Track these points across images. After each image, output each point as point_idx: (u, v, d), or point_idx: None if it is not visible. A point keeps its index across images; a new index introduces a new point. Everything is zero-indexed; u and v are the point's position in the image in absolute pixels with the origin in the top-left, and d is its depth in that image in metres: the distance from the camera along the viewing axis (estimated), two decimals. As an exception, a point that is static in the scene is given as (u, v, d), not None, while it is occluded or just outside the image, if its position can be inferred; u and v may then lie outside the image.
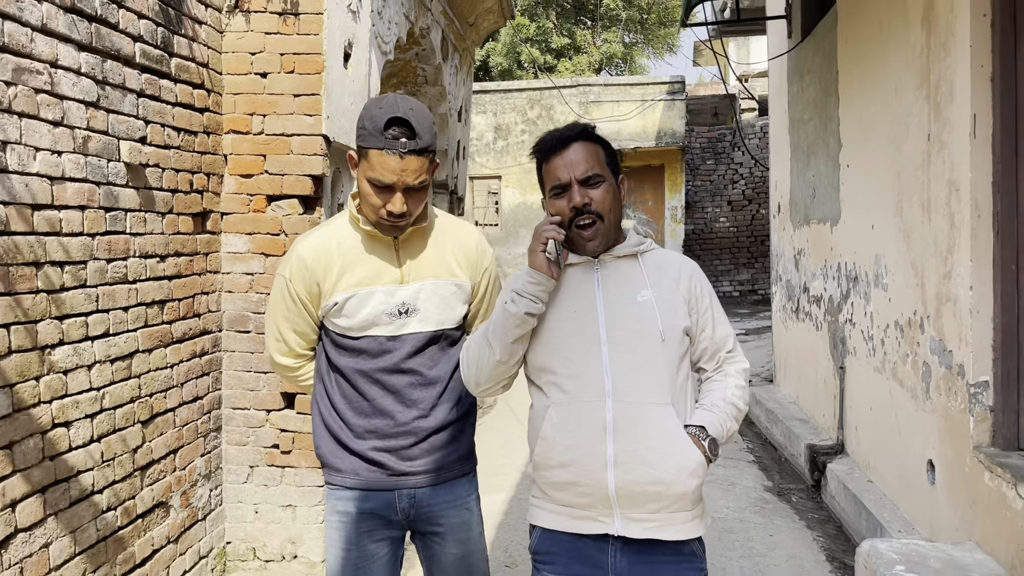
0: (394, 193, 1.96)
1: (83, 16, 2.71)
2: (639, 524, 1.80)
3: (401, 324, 2.06)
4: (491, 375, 1.92)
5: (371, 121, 1.95)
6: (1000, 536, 2.99)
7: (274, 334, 2.15)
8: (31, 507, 2.49)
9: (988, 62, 3.20)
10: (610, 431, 1.79)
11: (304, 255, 2.06)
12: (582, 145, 1.88)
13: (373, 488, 2.07)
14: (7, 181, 2.37)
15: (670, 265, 1.95)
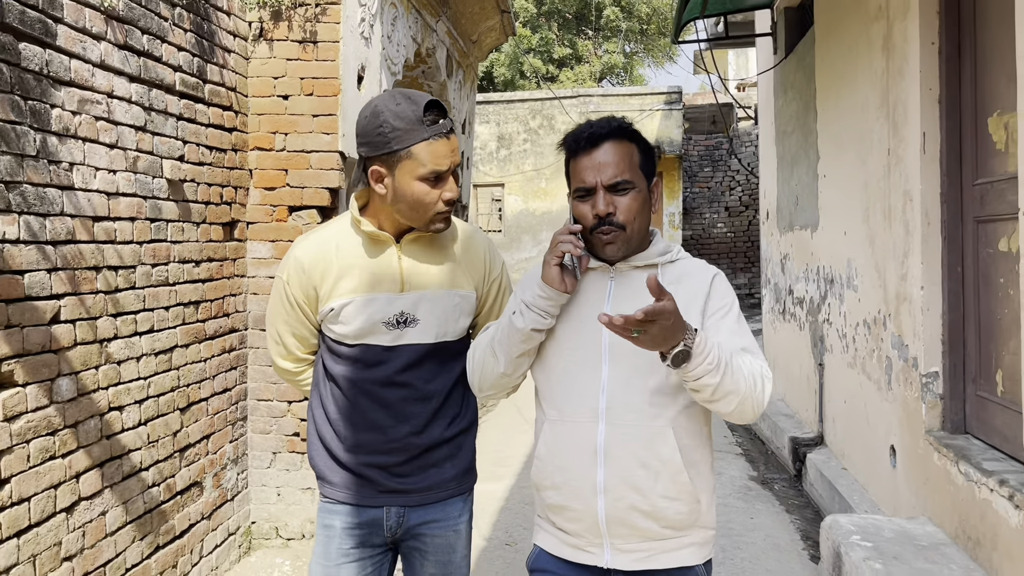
0: (448, 179, 1.86)
1: (133, 51, 3.10)
2: (629, 556, 1.71)
3: (399, 334, 1.92)
4: (494, 384, 1.86)
5: (402, 118, 1.81)
6: (945, 509, 3.35)
7: (274, 337, 2.06)
8: (91, 479, 2.87)
9: (936, 86, 3.57)
10: (601, 455, 1.69)
11: (301, 257, 1.96)
12: (614, 145, 1.71)
13: (362, 504, 1.95)
14: (73, 197, 2.76)
15: (691, 277, 1.76)
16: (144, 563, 3.19)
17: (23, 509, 2.52)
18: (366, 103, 1.86)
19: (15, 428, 2.48)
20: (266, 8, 4.04)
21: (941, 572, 3.01)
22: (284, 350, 2.05)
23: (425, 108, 1.81)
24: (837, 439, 5.18)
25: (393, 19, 4.95)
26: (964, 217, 3.49)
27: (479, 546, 4.37)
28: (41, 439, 2.60)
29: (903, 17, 3.78)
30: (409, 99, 1.84)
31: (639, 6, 17.39)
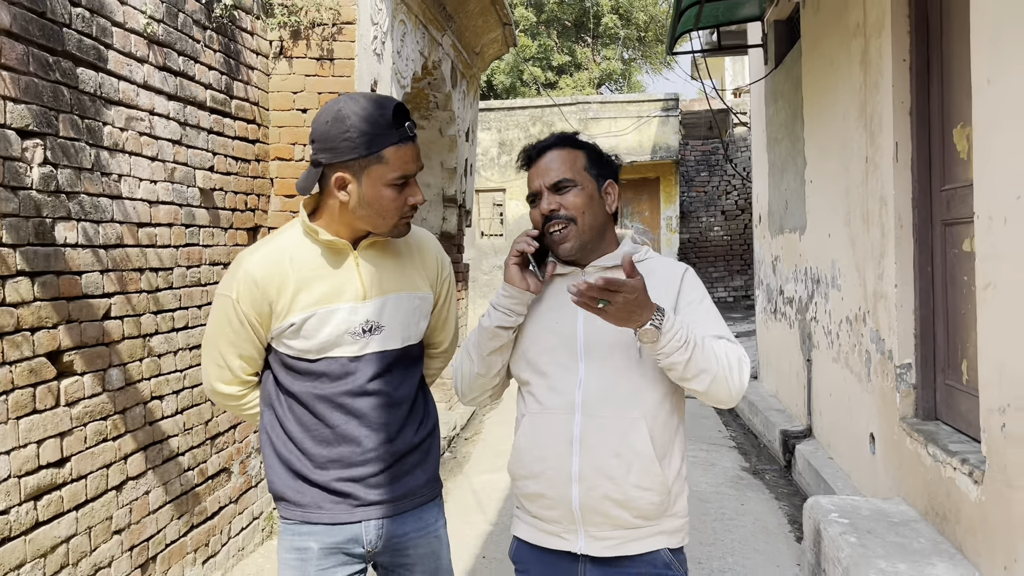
0: (413, 183, 1.86)
1: (171, 72, 3.40)
2: (601, 542, 1.78)
3: (365, 343, 1.87)
4: (472, 386, 1.93)
5: (369, 123, 1.77)
6: (917, 489, 3.64)
7: (215, 360, 1.91)
8: (137, 461, 3.16)
9: (907, 99, 3.87)
10: (576, 444, 1.77)
11: (252, 272, 1.84)
12: (556, 152, 1.85)
13: (339, 521, 1.87)
14: (121, 205, 3.05)
15: (659, 275, 1.85)
16: (181, 540, 3.48)
17: (81, 485, 2.81)
18: (325, 106, 1.82)
19: (74, 412, 2.78)
20: (286, 28, 4.34)
21: (910, 544, 3.29)
22: (229, 374, 1.91)
23: (394, 112, 1.78)
24: (824, 430, 5.47)
25: (402, 35, 5.26)
26: (933, 220, 3.78)
27: (485, 532, 4.66)
28: (96, 423, 2.89)
29: (878, 35, 4.08)
30: (375, 102, 1.79)
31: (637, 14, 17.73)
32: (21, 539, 2.51)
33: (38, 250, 2.59)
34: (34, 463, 2.57)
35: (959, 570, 3.02)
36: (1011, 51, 2.67)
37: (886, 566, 3.09)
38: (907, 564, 3.10)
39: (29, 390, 2.55)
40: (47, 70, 2.63)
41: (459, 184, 7.64)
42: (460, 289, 7.69)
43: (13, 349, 2.48)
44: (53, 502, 2.66)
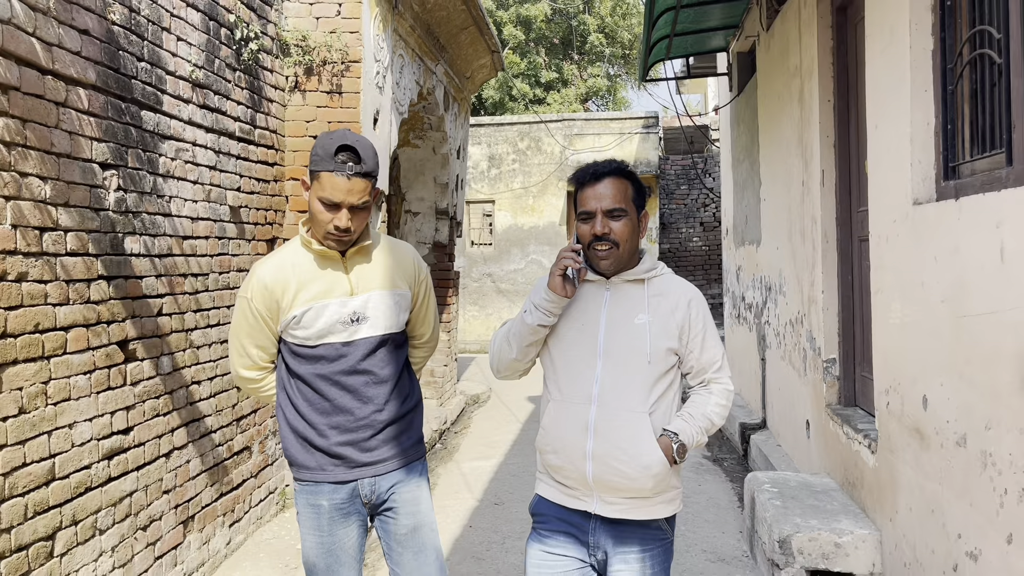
0: (340, 210, 2.21)
1: (209, 109, 4.05)
2: (612, 506, 2.12)
3: (354, 331, 2.30)
4: (508, 367, 2.28)
5: (323, 148, 2.21)
6: (836, 464, 4.30)
7: (238, 350, 2.38)
8: (181, 434, 3.79)
9: (831, 133, 4.55)
10: (591, 430, 2.10)
11: (263, 277, 2.30)
12: (613, 180, 2.13)
13: (340, 480, 2.31)
14: (171, 222, 3.69)
15: (671, 292, 2.17)
16: (212, 504, 4.10)
17: (140, 451, 3.44)
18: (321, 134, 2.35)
19: (136, 391, 3.41)
20: (301, 66, 5.00)
21: (825, 507, 3.95)
22: (249, 360, 2.37)
23: (339, 148, 2.20)
24: (774, 421, 6.13)
25: (400, 68, 5.92)
26: (852, 237, 4.46)
27: (471, 507, 5.30)
28: (151, 400, 3.53)
29: (810, 78, 4.77)
30: (337, 138, 2.22)
31: (621, 33, 18.48)
32: (99, 490, 3.13)
33: (112, 259, 3.23)
34: (108, 429, 3.20)
35: (858, 524, 3.69)
36: (886, 106, 3.35)
37: (801, 522, 3.75)
38: (818, 520, 3.77)
39: (105, 371, 3.18)
40: (120, 114, 3.28)
41: (451, 198, 8.30)
42: (451, 294, 8.34)
43: (95, 337, 3.11)
44: (121, 462, 3.29)
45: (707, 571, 4.18)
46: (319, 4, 5.04)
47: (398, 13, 5.71)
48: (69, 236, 2.94)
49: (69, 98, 2.94)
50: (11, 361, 2.64)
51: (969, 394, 2.62)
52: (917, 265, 3.04)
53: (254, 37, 4.49)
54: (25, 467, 2.71)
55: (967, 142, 2.88)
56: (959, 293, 2.67)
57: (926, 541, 3.02)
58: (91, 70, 3.07)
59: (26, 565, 2.71)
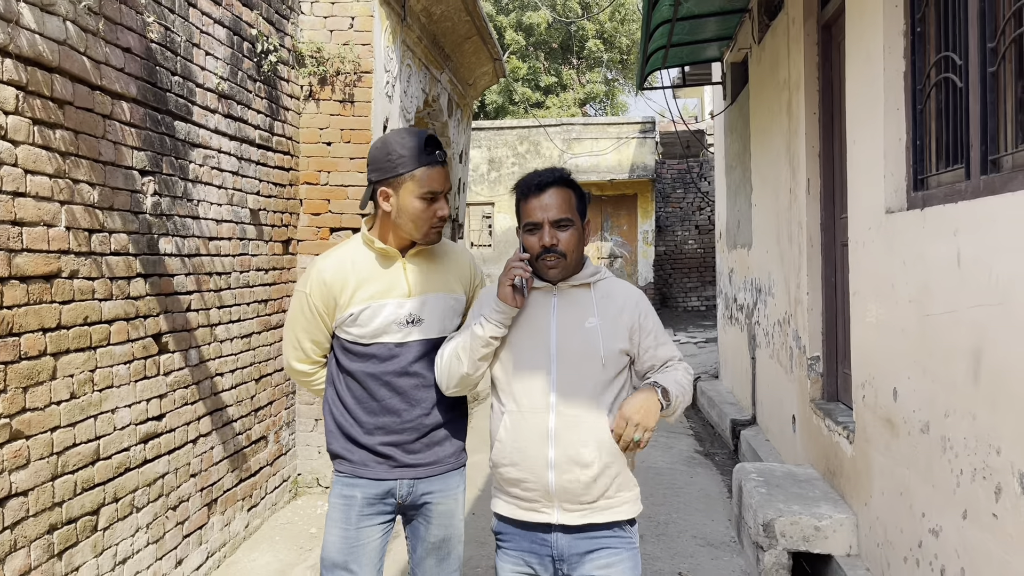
0: (440, 199, 2.26)
1: (232, 118, 4.32)
2: (572, 514, 2.11)
3: (408, 332, 2.29)
4: (460, 382, 2.21)
5: (406, 148, 2.22)
6: (819, 455, 4.58)
7: (292, 343, 2.39)
8: (206, 423, 4.06)
9: (817, 144, 4.83)
10: (551, 438, 2.08)
11: (324, 272, 2.30)
12: (557, 191, 2.12)
13: (380, 478, 2.30)
14: (199, 224, 3.96)
15: (617, 295, 2.19)
16: (232, 489, 4.37)
17: (171, 436, 3.71)
18: (378, 138, 2.34)
19: (168, 380, 3.68)
20: (315, 76, 5.27)
21: (806, 494, 4.23)
22: (302, 354, 2.39)
23: (425, 141, 2.24)
24: (764, 417, 6.42)
25: (408, 77, 6.19)
26: (835, 242, 4.74)
27: (473, 496, 5.56)
28: (181, 390, 3.79)
29: (797, 91, 5.05)
30: (412, 133, 2.26)
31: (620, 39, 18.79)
32: (136, 471, 3.40)
33: (149, 258, 3.50)
34: (144, 415, 3.47)
35: (837, 509, 3.97)
36: (863, 122, 3.64)
37: (784, 507, 4.03)
38: (800, 506, 4.04)
39: (142, 361, 3.45)
40: (156, 124, 3.55)
41: (454, 200, 8.57)
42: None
43: (134, 330, 3.38)
44: (155, 446, 3.55)
45: (697, 554, 4.46)
46: (333, 18, 5.31)
47: (406, 25, 5.99)
48: (113, 237, 3.21)
49: (114, 111, 3.20)
50: (64, 350, 2.91)
51: (931, 386, 2.90)
52: (889, 269, 3.32)
53: (273, 50, 4.76)
54: (75, 447, 2.98)
55: (934, 157, 3.16)
56: (923, 295, 2.95)
57: (895, 522, 3.30)
58: (132, 85, 3.34)
59: (74, 537, 2.98)
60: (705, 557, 4.42)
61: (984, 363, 2.49)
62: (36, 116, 2.73)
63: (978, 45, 2.70)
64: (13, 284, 2.64)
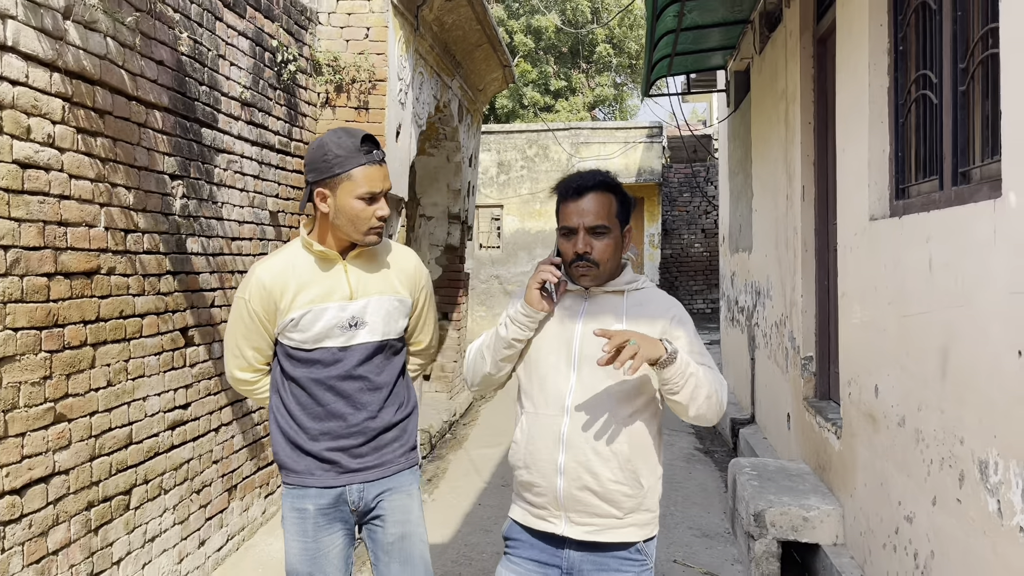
0: (379, 199, 2.20)
1: (254, 124, 4.55)
2: (581, 528, 2.02)
3: (351, 336, 2.24)
4: (482, 381, 2.20)
5: (341, 148, 2.15)
6: (811, 451, 4.78)
7: (233, 351, 2.32)
8: (227, 412, 4.29)
9: (811, 153, 5.04)
10: (563, 443, 2.01)
11: (263, 277, 2.24)
12: (596, 195, 2.03)
13: (327, 485, 2.24)
14: (223, 225, 4.20)
15: (651, 305, 2.09)
16: (251, 477, 4.60)
17: (195, 424, 3.94)
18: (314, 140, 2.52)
19: (194, 371, 3.91)
20: (331, 84, 5.50)
21: (797, 487, 4.44)
22: (244, 362, 2.31)
23: (362, 140, 2.17)
24: (762, 416, 6.62)
25: (420, 84, 6.43)
26: (829, 246, 4.93)
27: (480, 487, 5.79)
28: (205, 381, 4.03)
29: (794, 102, 5.25)
30: (348, 133, 2.18)
31: (628, 44, 19.01)
32: (164, 455, 3.64)
33: (177, 256, 3.73)
34: (172, 404, 3.71)
35: (825, 501, 4.17)
36: (851, 133, 3.85)
37: (774, 499, 4.23)
38: (790, 497, 4.25)
39: (170, 353, 3.69)
40: (185, 131, 3.79)
41: (463, 203, 8.80)
42: (462, 294, 8.85)
43: (163, 324, 3.62)
44: (181, 433, 3.79)
45: (692, 544, 4.67)
46: (349, 28, 5.54)
47: (419, 34, 6.22)
48: (146, 237, 3.45)
49: (148, 119, 3.45)
50: (102, 341, 3.15)
51: (907, 382, 3.10)
52: (872, 273, 3.52)
53: (292, 59, 5.00)
54: (110, 431, 3.22)
55: (914, 168, 3.36)
56: (901, 297, 3.15)
57: (876, 511, 3.50)
58: (164, 95, 3.58)
59: (109, 514, 3.22)
60: (700, 546, 4.63)
61: (951, 360, 2.69)
62: (80, 125, 2.97)
63: (951, 65, 2.91)
64: (59, 279, 2.88)
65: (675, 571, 4.26)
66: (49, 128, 2.81)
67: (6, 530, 2.65)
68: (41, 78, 2.75)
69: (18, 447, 2.70)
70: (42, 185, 2.78)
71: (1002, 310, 2.31)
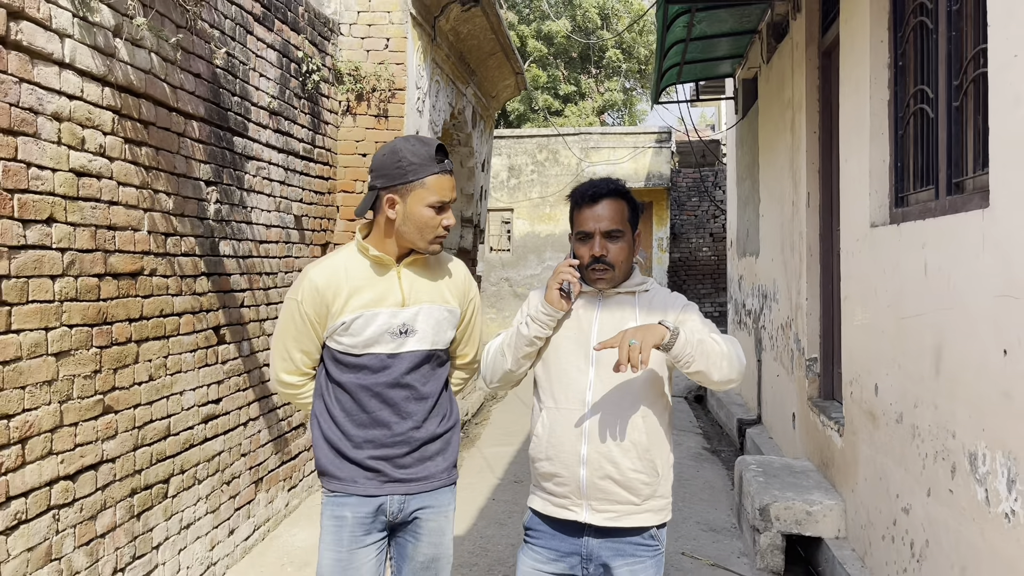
0: (447, 209, 2.24)
1: (280, 132, 4.76)
2: (601, 515, 2.15)
3: (400, 343, 2.24)
4: (502, 377, 2.30)
5: (416, 156, 2.18)
6: (815, 449, 4.95)
7: (281, 354, 2.31)
8: (254, 408, 4.49)
9: (816, 160, 5.21)
10: (585, 435, 2.14)
11: (316, 280, 2.23)
12: (610, 202, 2.17)
13: (369, 494, 2.23)
14: (252, 229, 4.40)
15: (660, 303, 2.23)
16: (275, 470, 4.80)
17: (226, 418, 4.14)
18: (384, 144, 2.33)
19: (225, 368, 4.11)
20: (352, 92, 5.71)
21: (801, 483, 4.60)
22: (291, 365, 2.30)
23: (436, 149, 2.22)
24: (768, 417, 6.78)
25: (436, 92, 6.63)
26: (833, 251, 5.10)
27: (494, 484, 5.97)
28: (235, 377, 4.23)
29: (800, 111, 5.43)
30: (422, 142, 2.22)
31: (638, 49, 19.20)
32: (198, 447, 3.84)
33: (211, 259, 3.94)
34: (205, 399, 3.91)
35: (828, 496, 4.34)
36: (853, 144, 4.02)
37: (779, 494, 4.40)
38: (794, 493, 4.42)
39: (204, 350, 3.89)
40: (219, 140, 3.99)
41: (475, 207, 9.00)
42: (474, 297, 9.03)
43: (198, 322, 3.82)
44: (213, 427, 3.99)
45: (699, 538, 4.84)
46: (369, 39, 5.75)
47: (436, 44, 6.42)
48: (183, 240, 3.65)
49: (187, 129, 3.65)
50: (145, 338, 3.35)
51: (904, 380, 3.27)
52: (872, 277, 3.69)
53: (316, 69, 5.20)
54: (151, 423, 3.42)
55: (912, 177, 3.54)
56: (899, 299, 3.33)
57: (876, 504, 3.67)
58: (201, 106, 3.78)
59: (150, 501, 3.41)
60: (707, 540, 4.80)
61: (944, 359, 2.86)
62: (127, 136, 3.18)
63: (945, 81, 3.08)
64: (108, 280, 3.08)
65: (684, 563, 4.43)
66: (101, 139, 3.01)
67: (60, 513, 2.85)
68: (94, 92, 2.96)
69: (72, 436, 2.90)
70: (94, 192, 2.98)
71: (990, 312, 2.48)
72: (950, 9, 3.03)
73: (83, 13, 2.87)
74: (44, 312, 2.74)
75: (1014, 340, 2.32)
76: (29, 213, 2.65)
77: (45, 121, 2.71)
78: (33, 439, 2.70)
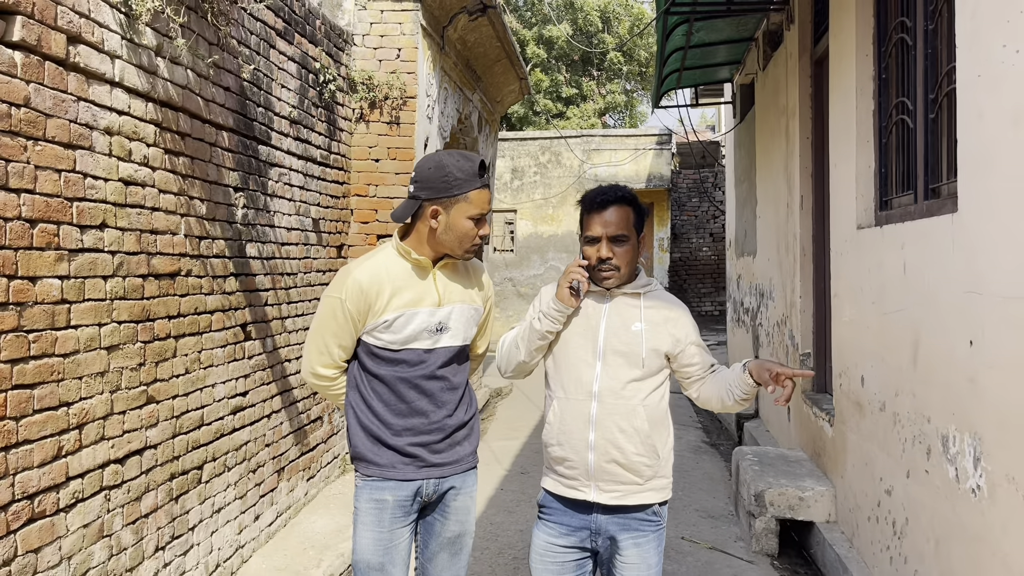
0: (485, 221, 2.42)
1: (300, 140, 5.02)
2: (608, 494, 2.37)
3: (436, 339, 2.43)
4: (516, 367, 2.54)
5: (461, 171, 2.34)
6: (808, 440, 5.20)
7: (319, 348, 2.45)
8: (277, 401, 4.75)
9: (809, 164, 5.46)
10: (592, 422, 2.36)
11: (360, 279, 2.38)
12: (617, 208, 2.37)
13: (407, 478, 2.42)
14: (275, 232, 4.66)
15: (663, 306, 2.44)
16: (296, 460, 5.06)
17: (252, 410, 4.40)
18: (427, 156, 2.46)
19: (251, 363, 4.37)
20: (366, 100, 5.97)
21: (794, 471, 4.86)
22: (329, 359, 2.46)
23: (480, 166, 2.40)
24: (765, 411, 7.03)
25: (445, 99, 6.88)
26: (825, 251, 5.36)
27: (501, 475, 6.23)
28: (260, 372, 4.49)
29: (794, 117, 5.68)
30: (467, 158, 2.38)
31: (639, 52, 19.45)
32: (227, 437, 4.10)
33: (239, 260, 4.20)
34: (234, 391, 4.17)
35: (819, 483, 4.59)
36: (841, 150, 4.27)
37: (773, 481, 4.66)
38: (787, 480, 4.67)
39: (233, 346, 4.15)
40: (246, 149, 4.25)
41: (481, 210, 9.25)
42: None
43: (227, 320, 4.08)
44: (240, 418, 4.25)
45: (698, 524, 5.09)
46: (382, 49, 6.00)
47: (444, 52, 6.68)
48: (214, 243, 3.91)
49: (218, 139, 3.91)
50: (182, 334, 3.61)
51: (886, 372, 3.53)
52: (858, 275, 3.95)
53: (332, 79, 5.46)
54: (187, 413, 3.67)
55: (895, 182, 3.79)
56: (882, 296, 3.58)
57: (862, 488, 3.92)
58: (230, 117, 4.04)
59: (186, 486, 3.68)
60: (706, 526, 5.06)
61: (920, 351, 3.12)
62: (167, 147, 3.44)
63: (923, 95, 3.34)
64: (151, 280, 3.34)
65: (683, 547, 4.68)
66: (144, 150, 3.27)
67: (111, 494, 3.11)
68: (139, 108, 3.22)
69: (120, 423, 3.16)
70: (139, 199, 3.24)
71: (958, 306, 2.74)
72: (927, 28, 3.29)
73: (130, 35, 3.13)
74: (97, 309, 3.00)
75: (979, 331, 2.58)
76: (85, 219, 2.91)
77: (98, 135, 2.97)
78: (88, 425, 2.96)
